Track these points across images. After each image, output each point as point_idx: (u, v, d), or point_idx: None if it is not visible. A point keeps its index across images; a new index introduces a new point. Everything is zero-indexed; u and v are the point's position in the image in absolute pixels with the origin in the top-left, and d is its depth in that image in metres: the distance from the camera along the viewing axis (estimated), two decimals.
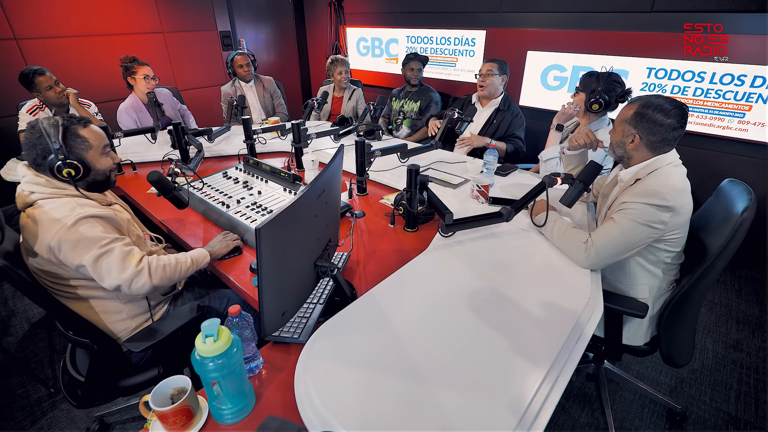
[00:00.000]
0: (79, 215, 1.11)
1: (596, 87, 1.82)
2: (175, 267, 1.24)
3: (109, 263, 1.12)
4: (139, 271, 1.15)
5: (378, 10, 4.11)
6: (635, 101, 1.28)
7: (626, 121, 1.28)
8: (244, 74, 3.14)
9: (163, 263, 1.21)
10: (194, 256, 1.29)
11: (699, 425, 1.66)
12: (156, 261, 1.21)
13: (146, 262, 1.18)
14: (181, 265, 1.25)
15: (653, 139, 1.24)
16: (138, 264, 1.16)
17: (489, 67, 2.43)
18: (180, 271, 1.25)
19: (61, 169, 1.15)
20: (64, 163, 1.15)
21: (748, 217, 1.11)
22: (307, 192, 0.91)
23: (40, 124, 1.15)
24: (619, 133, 1.32)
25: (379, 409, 0.78)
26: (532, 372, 0.87)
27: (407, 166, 1.43)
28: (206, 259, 1.32)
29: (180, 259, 1.26)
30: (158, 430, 0.82)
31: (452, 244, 1.38)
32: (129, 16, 3.62)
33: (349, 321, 1.02)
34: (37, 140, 1.14)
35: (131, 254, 1.16)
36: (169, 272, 1.22)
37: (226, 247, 1.38)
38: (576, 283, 1.19)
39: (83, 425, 1.65)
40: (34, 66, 2.41)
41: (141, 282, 1.16)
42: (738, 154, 2.53)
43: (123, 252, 1.15)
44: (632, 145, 1.29)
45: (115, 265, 1.12)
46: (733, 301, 2.39)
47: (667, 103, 1.21)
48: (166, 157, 2.22)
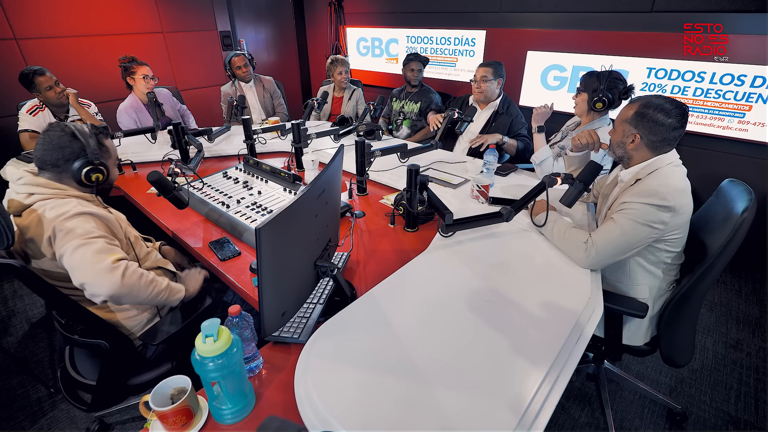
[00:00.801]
0: (80, 210, 1.12)
1: (598, 86, 1.81)
2: (150, 282, 1.16)
3: (84, 253, 1.07)
4: (112, 268, 1.08)
5: (378, 10, 4.11)
6: (635, 101, 1.29)
7: (626, 121, 1.28)
8: (243, 75, 3.13)
9: (141, 273, 1.15)
10: (172, 285, 1.25)
11: (699, 425, 1.66)
12: (135, 268, 1.14)
13: (124, 264, 1.12)
14: (156, 285, 1.18)
15: (654, 138, 1.24)
16: (115, 262, 1.10)
17: (483, 72, 2.40)
18: (153, 289, 1.17)
19: (91, 173, 1.20)
20: (96, 167, 1.20)
21: (748, 217, 1.11)
22: (307, 192, 0.91)
23: (74, 128, 1.19)
24: (620, 133, 1.32)
25: (379, 409, 0.78)
26: (532, 372, 0.87)
27: (407, 166, 1.43)
28: (180, 293, 1.26)
29: (158, 280, 1.20)
30: (158, 430, 0.82)
31: (452, 244, 1.38)
32: (129, 16, 3.62)
33: (349, 321, 1.02)
34: (68, 143, 1.17)
35: (112, 251, 1.12)
36: (142, 283, 1.14)
37: (197, 283, 1.36)
38: (576, 283, 1.20)
39: (83, 425, 1.65)
40: (34, 66, 2.41)
41: (110, 280, 1.07)
42: (738, 154, 2.53)
43: (104, 247, 1.11)
44: (633, 145, 1.29)
45: (90, 257, 1.07)
46: (733, 301, 2.39)
47: (667, 103, 1.21)
48: (166, 157, 2.22)
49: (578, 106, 1.94)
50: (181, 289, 1.27)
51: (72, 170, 1.18)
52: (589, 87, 1.87)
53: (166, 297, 1.21)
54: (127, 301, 1.15)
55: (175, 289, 1.25)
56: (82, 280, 1.07)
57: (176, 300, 1.25)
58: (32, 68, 2.39)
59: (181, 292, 1.27)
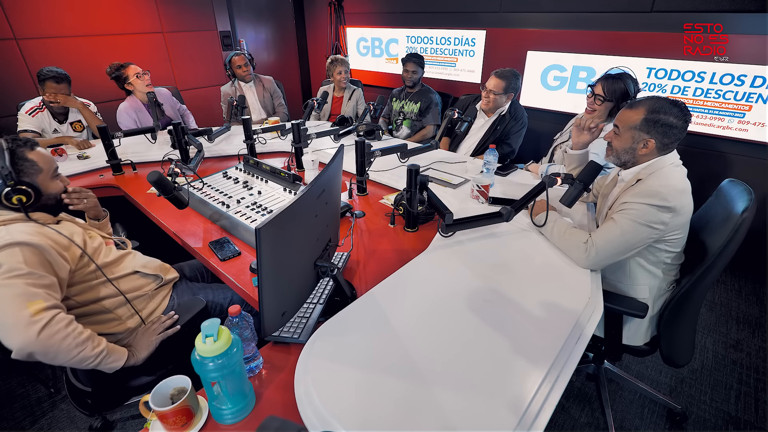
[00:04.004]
0: (7, 240, 1.00)
1: (627, 92, 1.76)
2: (78, 344, 0.98)
3: (2, 296, 0.93)
4: (30, 321, 0.92)
5: (378, 10, 4.11)
6: (637, 106, 1.27)
7: (635, 128, 1.26)
8: (243, 74, 3.13)
9: (67, 333, 0.97)
10: (111, 349, 1.06)
11: (699, 425, 1.66)
12: (62, 325, 0.97)
13: (48, 316, 0.95)
14: (86, 349, 0.99)
15: (666, 141, 1.24)
16: (35, 314, 0.93)
17: (494, 86, 2.34)
18: (78, 354, 0.98)
19: (11, 196, 1.07)
20: (14, 189, 1.07)
21: (748, 217, 1.11)
22: (307, 192, 0.91)
23: None
24: (628, 140, 1.29)
25: (379, 409, 0.78)
26: (532, 372, 0.87)
27: (407, 166, 1.43)
28: (119, 361, 1.07)
29: (92, 343, 1.02)
30: (158, 430, 0.82)
31: (452, 244, 1.38)
32: (129, 16, 3.62)
33: (349, 321, 1.02)
34: None
35: (33, 298, 0.95)
36: (65, 345, 0.96)
37: (148, 347, 1.16)
38: (576, 283, 1.19)
39: (83, 425, 1.65)
40: (57, 69, 2.41)
41: (26, 334, 0.92)
42: (738, 154, 2.53)
43: (24, 291, 0.95)
44: (645, 149, 1.27)
45: (8, 302, 0.93)
46: (733, 301, 2.39)
47: (674, 106, 1.22)
48: (166, 157, 2.22)
49: (597, 112, 1.82)
50: (122, 356, 1.08)
51: None
52: (615, 94, 1.78)
53: (96, 362, 1.02)
54: (42, 359, 0.96)
55: (114, 354, 1.06)
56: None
57: (112, 368, 1.06)
58: (52, 71, 2.40)
59: (120, 360, 1.07)
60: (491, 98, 2.38)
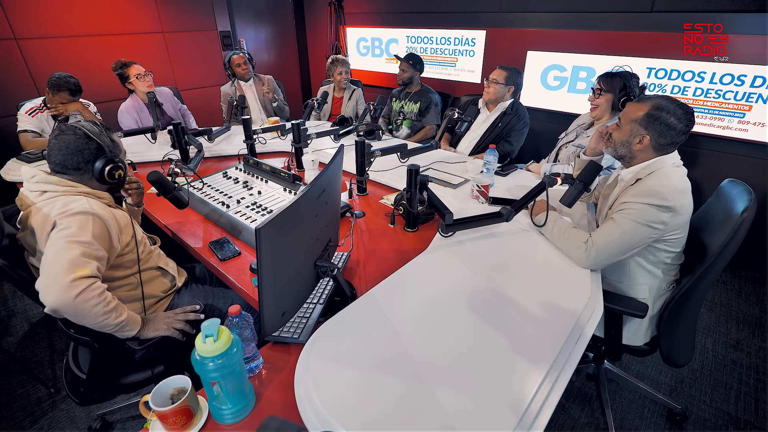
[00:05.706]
0: (84, 208, 1.11)
1: (624, 84, 1.81)
2: (106, 313, 1.06)
3: (58, 256, 1.01)
4: (71, 285, 1.00)
5: (378, 10, 4.11)
6: (644, 101, 1.27)
7: (636, 121, 1.27)
8: (243, 73, 3.13)
9: (99, 301, 1.04)
10: (129, 317, 1.13)
11: (699, 425, 1.66)
12: (97, 292, 1.04)
13: (87, 283, 1.03)
14: (110, 317, 1.07)
15: (662, 141, 1.24)
16: (77, 279, 1.01)
17: (497, 75, 2.42)
18: (103, 320, 1.06)
19: (113, 171, 1.22)
20: (117, 165, 1.23)
21: (748, 217, 1.11)
22: (307, 192, 0.91)
23: (85, 129, 1.19)
24: (627, 132, 1.30)
25: (380, 409, 0.78)
26: (532, 372, 0.87)
27: (407, 166, 1.43)
28: (135, 329, 1.14)
29: (117, 312, 1.09)
30: (158, 430, 0.82)
31: (452, 244, 1.38)
32: (129, 16, 3.62)
33: (349, 321, 1.02)
34: (85, 144, 1.18)
35: (83, 266, 1.03)
36: (95, 311, 1.04)
37: (159, 329, 1.21)
38: (576, 283, 1.20)
39: (83, 425, 1.65)
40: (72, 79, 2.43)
41: (64, 295, 0.99)
42: (738, 154, 2.53)
43: (78, 259, 1.03)
44: (640, 145, 1.27)
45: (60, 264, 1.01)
46: (733, 301, 2.39)
47: (680, 108, 1.21)
48: (166, 157, 2.22)
49: (600, 107, 1.90)
50: (136, 327, 1.15)
51: (94, 171, 1.20)
52: (614, 87, 1.84)
53: (114, 330, 1.11)
54: (70, 318, 1.04)
55: (130, 324, 1.13)
56: (39, 286, 1.01)
57: (125, 335, 1.14)
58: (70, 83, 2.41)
59: (133, 330, 1.14)
60: (492, 88, 2.41)
